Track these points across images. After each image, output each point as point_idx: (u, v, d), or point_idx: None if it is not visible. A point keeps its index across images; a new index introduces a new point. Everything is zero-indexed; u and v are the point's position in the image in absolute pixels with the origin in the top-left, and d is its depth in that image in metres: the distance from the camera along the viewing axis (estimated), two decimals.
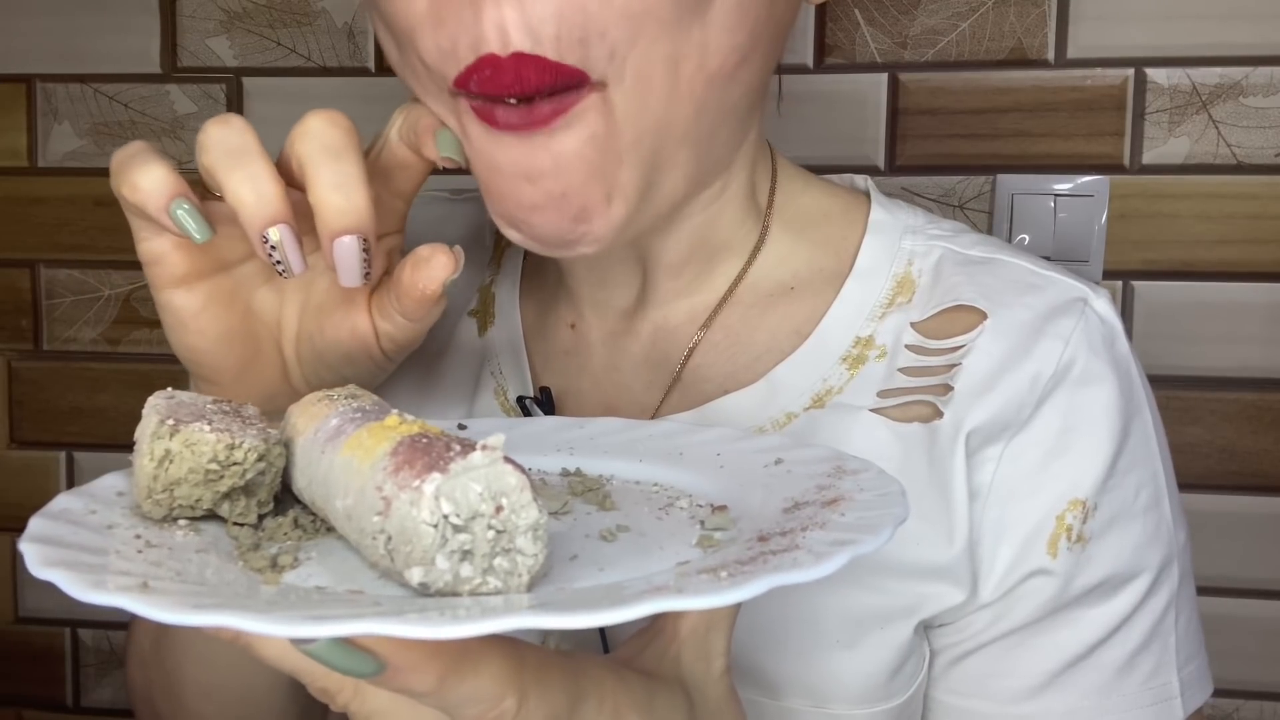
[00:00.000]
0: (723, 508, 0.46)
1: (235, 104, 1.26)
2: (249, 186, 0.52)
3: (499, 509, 0.36)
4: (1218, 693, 1.13)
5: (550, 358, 0.70)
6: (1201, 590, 0.68)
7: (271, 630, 0.31)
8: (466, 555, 0.36)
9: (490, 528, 0.36)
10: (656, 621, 0.47)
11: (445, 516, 0.36)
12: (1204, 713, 0.65)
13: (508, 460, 0.37)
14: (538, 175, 0.54)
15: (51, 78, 1.29)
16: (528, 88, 0.51)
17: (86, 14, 1.27)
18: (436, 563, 0.36)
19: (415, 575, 0.36)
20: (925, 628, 0.63)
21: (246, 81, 1.26)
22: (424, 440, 0.38)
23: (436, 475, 0.36)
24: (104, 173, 1.28)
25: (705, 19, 0.53)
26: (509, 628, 0.31)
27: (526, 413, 0.67)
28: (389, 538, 0.37)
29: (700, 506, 0.47)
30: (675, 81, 0.54)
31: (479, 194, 0.81)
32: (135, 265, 1.27)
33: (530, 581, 0.37)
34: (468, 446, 0.37)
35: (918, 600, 0.61)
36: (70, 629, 1.35)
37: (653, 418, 0.65)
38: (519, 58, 0.51)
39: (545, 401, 0.67)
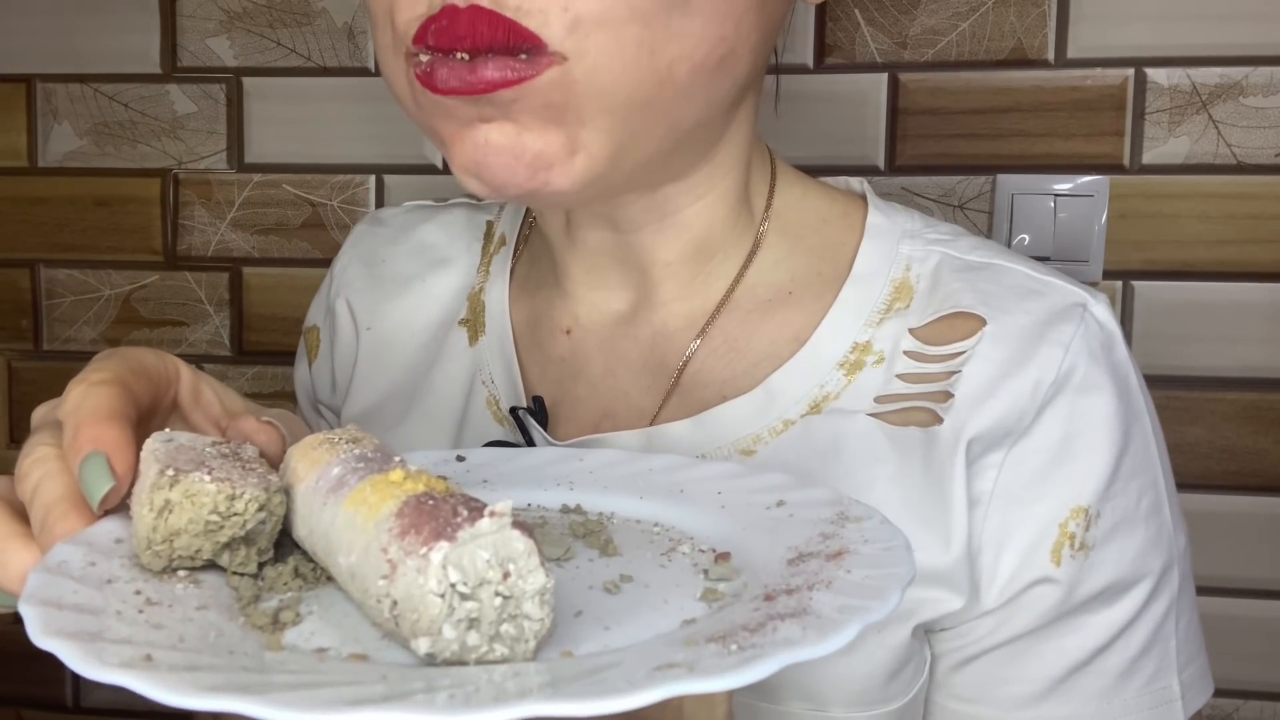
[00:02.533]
0: (725, 555, 0.46)
1: (235, 104, 1.26)
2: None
3: (506, 575, 0.36)
4: (1219, 693, 1.13)
5: (545, 364, 0.70)
6: (1202, 590, 0.68)
7: (277, 717, 0.31)
8: (473, 623, 0.36)
9: (497, 594, 0.36)
10: None
11: (453, 585, 0.35)
12: (1203, 713, 0.66)
13: (516, 525, 0.36)
14: (494, 115, 0.54)
15: (51, 78, 1.29)
16: (480, 42, 0.51)
17: (86, 14, 1.27)
18: (443, 632, 0.35)
19: (422, 646, 0.36)
20: (926, 632, 0.64)
21: (246, 81, 1.26)
22: (430, 502, 0.37)
23: (444, 544, 0.35)
24: (104, 173, 1.29)
25: (688, 8, 0.53)
26: (520, 716, 0.31)
27: (519, 423, 0.67)
28: (394, 602, 0.36)
29: (702, 552, 0.47)
30: (653, 66, 0.54)
31: (465, 200, 0.82)
32: (135, 265, 1.29)
33: (537, 646, 0.37)
34: (475, 511, 0.36)
35: (914, 605, 0.61)
36: None
37: (651, 424, 0.65)
38: (475, 10, 0.51)
39: (538, 411, 0.67)
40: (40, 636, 0.35)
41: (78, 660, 0.33)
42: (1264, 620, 1.15)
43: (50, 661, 1.25)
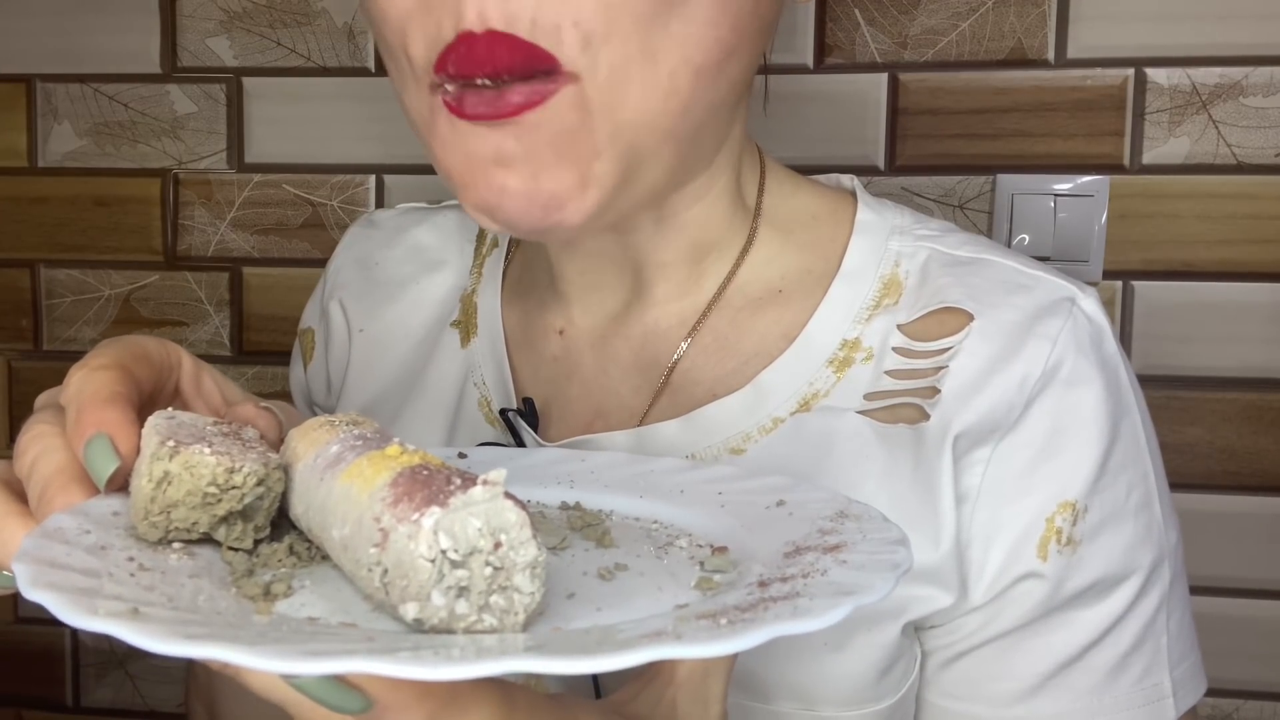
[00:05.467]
0: (722, 549, 0.45)
1: (235, 104, 1.26)
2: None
3: (497, 545, 0.36)
4: (1218, 693, 1.13)
5: (538, 365, 0.70)
6: (1202, 590, 0.67)
7: (260, 665, 0.30)
8: (463, 592, 0.36)
9: (488, 564, 0.36)
10: (652, 665, 0.46)
11: (443, 552, 0.35)
12: (1198, 712, 0.65)
13: (508, 496, 0.36)
14: (509, 159, 0.54)
15: (51, 78, 1.29)
16: (500, 66, 0.51)
17: (86, 14, 1.27)
18: (432, 599, 0.35)
19: (410, 611, 0.35)
20: (915, 629, 0.63)
21: (246, 81, 1.26)
22: (424, 472, 0.37)
23: (436, 509, 0.35)
24: (104, 173, 1.30)
25: (685, 13, 0.53)
26: (504, 671, 0.31)
27: (510, 425, 0.67)
28: (385, 570, 0.36)
29: (700, 547, 0.47)
30: (656, 76, 0.53)
31: (458, 202, 0.81)
32: (135, 265, 1.29)
33: (526, 620, 0.37)
34: (468, 480, 0.36)
35: (904, 602, 0.61)
36: (70, 629, 1.35)
37: (641, 423, 0.65)
38: (492, 35, 0.51)
39: (528, 413, 0.67)
40: (30, 588, 0.34)
41: (66, 609, 0.33)
42: (1264, 620, 1.14)
43: (50, 661, 1.24)
